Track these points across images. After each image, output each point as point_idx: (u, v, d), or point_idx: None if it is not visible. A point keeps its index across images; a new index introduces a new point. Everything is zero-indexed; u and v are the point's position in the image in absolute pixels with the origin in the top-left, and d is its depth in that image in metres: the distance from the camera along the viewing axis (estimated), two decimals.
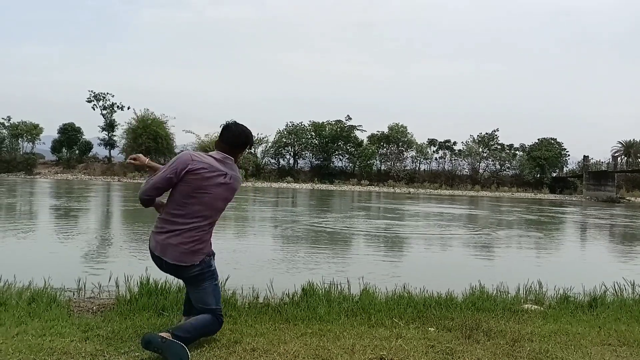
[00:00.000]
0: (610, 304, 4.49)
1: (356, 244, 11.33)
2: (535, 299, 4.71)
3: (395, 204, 28.48)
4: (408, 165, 61.41)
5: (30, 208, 17.95)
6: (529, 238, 14.18)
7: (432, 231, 14.31)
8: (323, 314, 3.70)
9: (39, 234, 10.72)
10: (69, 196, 24.29)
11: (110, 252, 8.72)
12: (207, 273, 3.01)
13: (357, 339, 3.15)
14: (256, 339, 3.05)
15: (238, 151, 3.05)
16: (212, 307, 3.01)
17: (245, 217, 16.82)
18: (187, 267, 2.94)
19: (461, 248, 11.17)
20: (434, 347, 3.05)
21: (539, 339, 3.30)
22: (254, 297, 4.25)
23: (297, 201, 29.09)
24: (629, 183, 59.58)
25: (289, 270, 7.36)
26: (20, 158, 54.36)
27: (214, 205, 2.96)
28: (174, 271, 3.00)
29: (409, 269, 7.99)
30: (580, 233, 17.57)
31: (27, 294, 3.90)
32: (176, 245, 2.89)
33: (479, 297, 4.42)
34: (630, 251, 12.74)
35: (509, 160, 61.97)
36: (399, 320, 3.68)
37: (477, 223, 18.09)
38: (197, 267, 2.95)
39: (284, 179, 54.86)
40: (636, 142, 64.12)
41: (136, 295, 3.83)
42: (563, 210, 28.95)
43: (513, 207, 29.41)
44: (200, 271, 2.97)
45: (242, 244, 10.49)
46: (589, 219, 23.20)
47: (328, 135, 59.71)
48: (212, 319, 2.98)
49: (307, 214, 19.35)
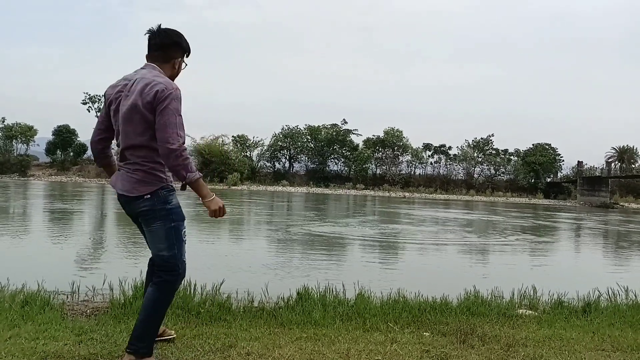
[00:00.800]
0: (604, 310, 4.51)
1: (392, 252, 11.32)
2: (530, 304, 4.73)
3: (406, 209, 28.49)
4: (403, 169, 61.56)
5: (23, 210, 17.85)
6: (576, 245, 14.22)
7: (482, 239, 14.33)
8: (318, 318, 3.70)
9: (33, 236, 10.65)
10: (63, 198, 24.16)
11: (104, 255, 8.68)
12: (161, 211, 2.53)
13: (352, 344, 3.14)
14: (251, 343, 3.05)
15: (153, 54, 2.62)
16: (164, 253, 2.55)
17: (240, 220, 16.78)
18: (135, 200, 2.54)
19: (483, 253, 11.19)
20: (429, 352, 3.05)
21: (534, 344, 3.31)
22: (249, 301, 4.24)
23: (302, 205, 29.06)
24: (623, 188, 59.95)
25: (284, 274, 7.35)
26: (14, 160, 54.09)
27: (125, 130, 2.54)
28: (126, 205, 2.62)
29: (439, 275, 7.99)
30: (574, 238, 17.64)
31: (21, 296, 3.87)
32: (124, 174, 2.60)
33: (473, 302, 4.43)
34: (624, 256, 12.81)
35: (503, 165, 62.25)
36: (394, 324, 3.68)
37: (500, 229, 18.11)
38: (147, 201, 2.52)
39: (279, 183, 54.82)
40: (630, 148, 64.56)
41: (130, 299, 3.81)
42: (569, 216, 29.06)
43: (523, 213, 29.49)
44: (150, 207, 2.53)
45: (237, 247, 10.47)
46: (585, 224, 23.30)
47: (324, 139, 59.78)
48: (157, 289, 2.56)
49: (323, 218, 19.33)
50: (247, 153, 59.56)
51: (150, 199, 2.52)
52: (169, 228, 2.54)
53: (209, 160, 53.57)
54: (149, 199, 2.52)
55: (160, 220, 2.53)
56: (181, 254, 2.57)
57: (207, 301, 3.94)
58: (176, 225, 2.56)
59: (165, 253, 2.54)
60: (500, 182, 60.80)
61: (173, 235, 2.55)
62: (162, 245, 2.54)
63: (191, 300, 3.88)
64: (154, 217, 2.53)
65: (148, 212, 2.54)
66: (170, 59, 2.64)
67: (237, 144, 59.31)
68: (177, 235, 2.56)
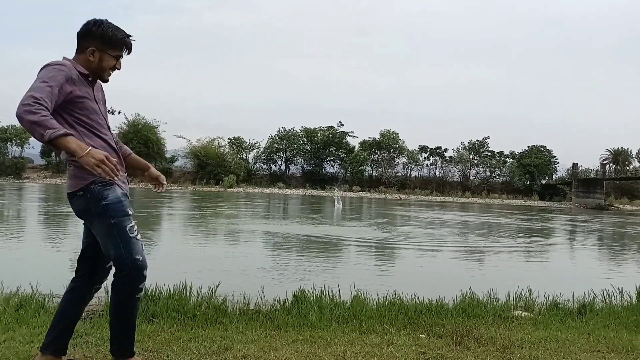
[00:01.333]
0: (599, 311, 4.53)
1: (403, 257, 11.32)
2: (525, 305, 4.74)
3: (413, 211, 28.53)
4: (399, 171, 61.70)
5: (18, 212, 17.76)
6: (593, 248, 14.27)
7: (500, 243, 14.35)
8: (314, 321, 3.69)
9: (27, 239, 10.61)
10: (57, 201, 24.05)
11: None
12: (96, 208, 2.32)
13: (348, 346, 3.14)
14: (247, 345, 3.04)
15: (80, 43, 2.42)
16: (110, 252, 2.34)
17: (236, 223, 16.75)
18: (71, 197, 2.38)
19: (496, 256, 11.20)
20: (425, 354, 3.05)
21: (529, 346, 3.31)
22: (245, 303, 4.23)
23: (297, 206, 29.04)
24: (617, 190, 60.30)
25: (280, 276, 7.34)
26: (8, 162, 53.90)
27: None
28: (70, 204, 2.45)
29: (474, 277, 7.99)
30: (569, 240, 17.70)
31: (15, 300, 3.85)
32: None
33: (469, 303, 4.44)
34: (619, 258, 12.87)
35: (499, 167, 62.50)
36: (390, 326, 3.68)
37: (514, 232, 18.16)
38: (81, 197, 2.34)
39: (275, 185, 54.81)
40: (624, 150, 65.00)
41: None
42: (564, 218, 29.17)
43: (523, 215, 29.58)
44: (85, 204, 2.34)
45: (233, 250, 10.45)
46: (579, 226, 23.39)
47: (320, 141, 59.85)
48: (113, 289, 2.39)
49: (332, 221, 19.32)
50: (243, 155, 59.57)
51: (84, 195, 2.33)
52: (109, 225, 2.32)
53: (205, 163, 53.53)
54: (82, 195, 2.33)
55: (98, 218, 2.33)
56: (130, 252, 2.33)
57: (202, 304, 3.93)
58: (117, 222, 2.33)
59: (111, 252, 2.34)
60: (496, 184, 61.02)
61: (115, 233, 2.32)
62: (108, 245, 2.35)
63: (187, 303, 3.86)
64: (91, 215, 2.35)
65: (84, 210, 2.36)
66: (84, 49, 2.38)
67: (233, 146, 59.31)
68: (119, 232, 2.33)
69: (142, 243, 2.42)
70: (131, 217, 2.40)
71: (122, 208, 2.35)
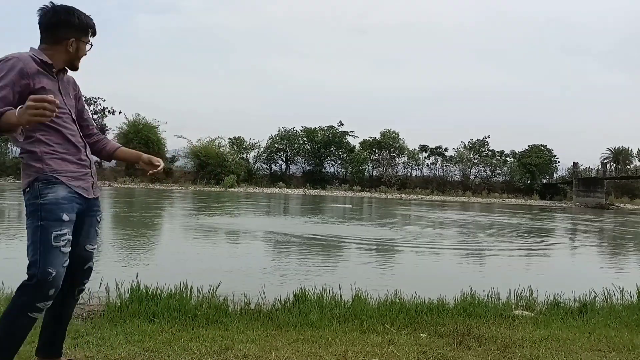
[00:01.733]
0: (599, 310, 4.53)
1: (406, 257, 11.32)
2: (526, 304, 4.74)
3: (423, 211, 28.52)
4: (400, 171, 61.68)
5: (18, 213, 17.76)
6: (612, 248, 14.26)
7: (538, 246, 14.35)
8: (315, 320, 3.69)
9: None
10: None
11: (100, 258, 8.63)
12: (31, 205, 2.14)
13: (349, 345, 3.14)
14: (248, 345, 3.04)
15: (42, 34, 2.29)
16: (29, 258, 2.12)
17: (237, 222, 16.76)
18: (24, 194, 2.22)
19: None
20: (426, 353, 3.05)
21: (530, 345, 3.31)
22: (246, 303, 4.23)
23: (298, 207, 29.03)
24: (618, 190, 60.24)
25: (281, 276, 7.34)
26: (9, 162, 53.91)
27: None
28: None
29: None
30: (569, 239, 17.69)
31: None
32: None
33: (470, 303, 4.44)
34: (619, 257, 12.86)
35: (499, 166, 62.49)
36: (391, 326, 3.68)
37: (514, 231, 18.16)
38: (26, 194, 2.19)
39: (275, 185, 54.80)
40: (625, 149, 64.97)
41: (126, 302, 3.80)
42: (565, 217, 29.15)
43: (525, 214, 29.56)
44: (27, 201, 2.18)
45: (234, 250, 10.45)
46: (580, 225, 23.38)
47: (320, 140, 59.85)
48: (16, 291, 2.15)
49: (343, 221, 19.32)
50: (243, 155, 59.55)
51: (28, 192, 2.17)
52: (36, 227, 2.11)
53: (205, 163, 53.52)
54: (28, 192, 2.17)
55: (29, 218, 2.15)
56: (45, 262, 2.08)
57: (203, 303, 3.93)
58: (44, 225, 2.10)
59: (29, 256, 2.11)
60: (497, 184, 61.00)
61: (38, 237, 2.10)
62: (29, 247, 2.12)
63: (188, 303, 3.87)
64: (27, 213, 2.16)
65: (26, 206, 2.18)
66: (60, 40, 2.25)
67: (234, 146, 59.29)
68: (43, 237, 2.10)
69: (66, 258, 2.17)
70: (65, 224, 2.16)
71: (56, 211, 2.13)
